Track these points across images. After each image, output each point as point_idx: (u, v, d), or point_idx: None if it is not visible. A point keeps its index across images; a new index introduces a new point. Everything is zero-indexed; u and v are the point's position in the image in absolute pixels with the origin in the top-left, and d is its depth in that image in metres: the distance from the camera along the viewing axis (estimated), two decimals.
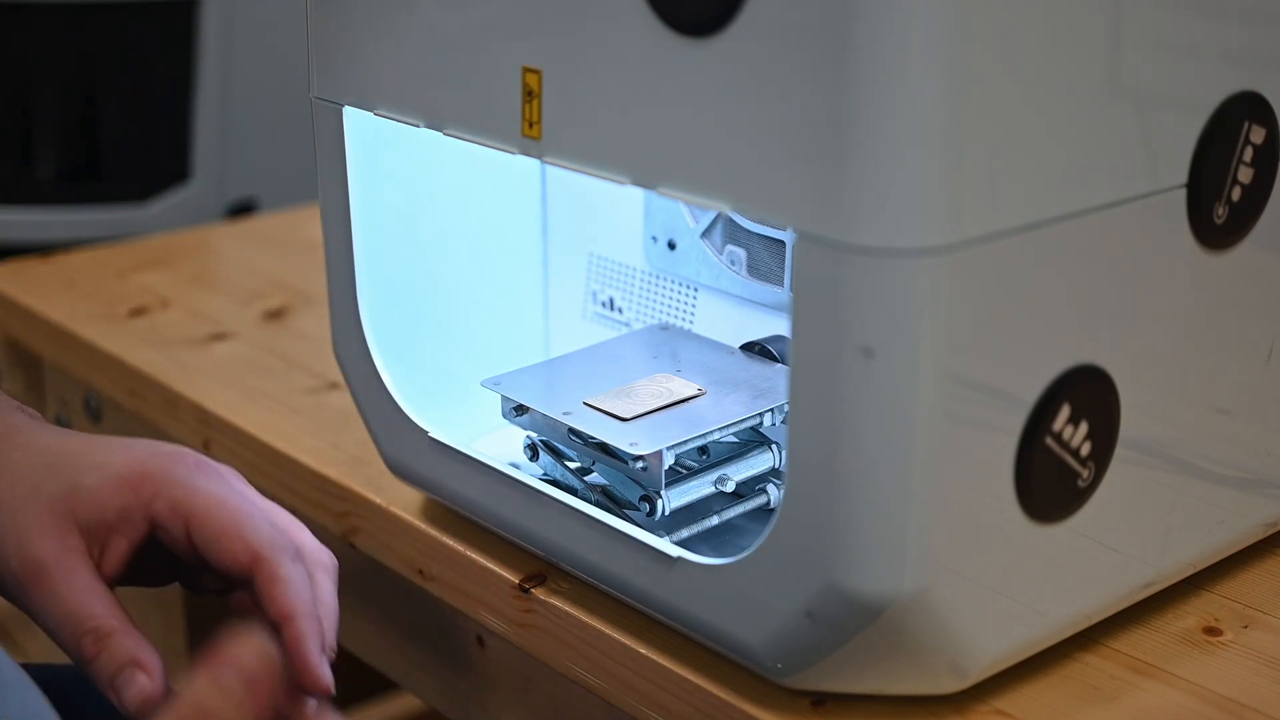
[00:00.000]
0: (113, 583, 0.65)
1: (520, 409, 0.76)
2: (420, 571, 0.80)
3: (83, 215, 1.78)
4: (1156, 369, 0.66)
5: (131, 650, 0.62)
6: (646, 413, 0.74)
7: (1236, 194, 0.66)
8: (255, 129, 1.83)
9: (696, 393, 0.75)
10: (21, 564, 0.63)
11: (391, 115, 0.72)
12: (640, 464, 0.71)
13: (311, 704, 0.61)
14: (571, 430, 0.74)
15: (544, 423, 0.76)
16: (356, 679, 0.67)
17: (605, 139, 0.62)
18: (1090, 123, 0.59)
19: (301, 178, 1.14)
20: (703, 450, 0.75)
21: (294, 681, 0.60)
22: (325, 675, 0.61)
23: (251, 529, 0.63)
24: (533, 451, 0.77)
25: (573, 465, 0.76)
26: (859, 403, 0.57)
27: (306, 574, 0.64)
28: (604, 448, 0.73)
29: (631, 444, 0.71)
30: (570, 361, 0.80)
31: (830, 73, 0.54)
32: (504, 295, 0.86)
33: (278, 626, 0.61)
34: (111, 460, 0.65)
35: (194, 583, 0.69)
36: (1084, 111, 0.59)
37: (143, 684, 0.61)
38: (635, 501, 0.72)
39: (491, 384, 0.77)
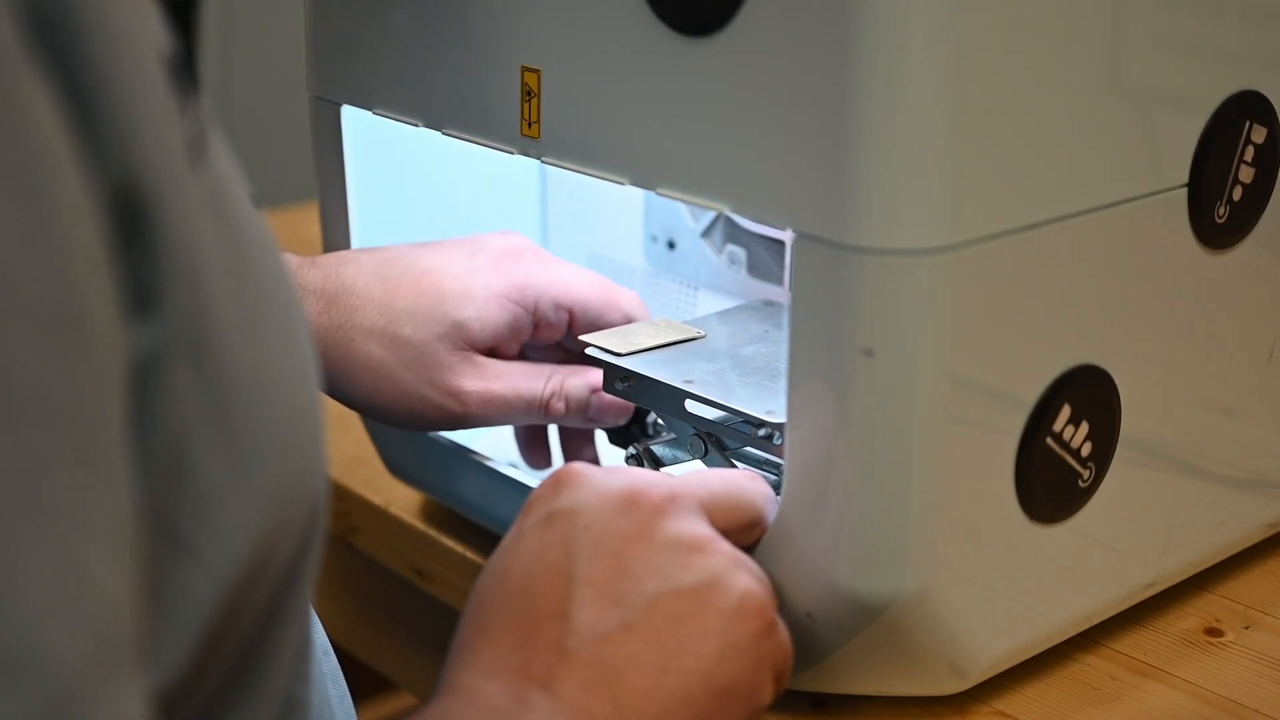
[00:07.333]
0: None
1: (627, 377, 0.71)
2: (420, 572, 0.80)
3: None
4: (1157, 369, 0.65)
5: (584, 384, 0.73)
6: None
7: (1238, 193, 0.65)
8: (253, 128, 1.82)
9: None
10: (456, 400, 0.71)
11: (390, 114, 0.71)
12: (767, 432, 0.66)
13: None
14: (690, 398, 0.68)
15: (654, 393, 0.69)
16: (356, 679, 0.67)
17: (604, 139, 0.62)
18: (1091, 122, 0.59)
19: (300, 177, 1.14)
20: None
21: None
22: None
23: (622, 299, 0.74)
24: (637, 462, 0.72)
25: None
26: (859, 403, 0.57)
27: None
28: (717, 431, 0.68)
29: (768, 411, 0.65)
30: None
31: (830, 72, 0.54)
32: None
33: None
34: (473, 284, 0.71)
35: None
36: (1084, 111, 0.59)
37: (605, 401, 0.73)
38: None
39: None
